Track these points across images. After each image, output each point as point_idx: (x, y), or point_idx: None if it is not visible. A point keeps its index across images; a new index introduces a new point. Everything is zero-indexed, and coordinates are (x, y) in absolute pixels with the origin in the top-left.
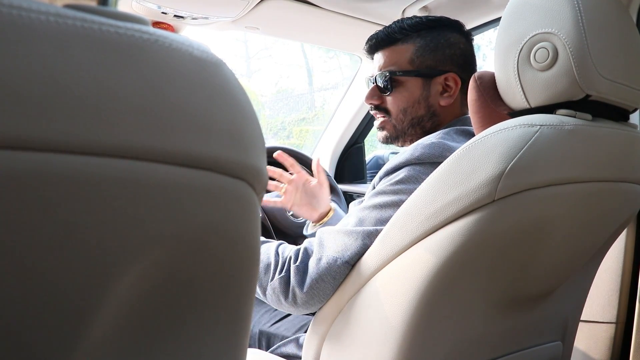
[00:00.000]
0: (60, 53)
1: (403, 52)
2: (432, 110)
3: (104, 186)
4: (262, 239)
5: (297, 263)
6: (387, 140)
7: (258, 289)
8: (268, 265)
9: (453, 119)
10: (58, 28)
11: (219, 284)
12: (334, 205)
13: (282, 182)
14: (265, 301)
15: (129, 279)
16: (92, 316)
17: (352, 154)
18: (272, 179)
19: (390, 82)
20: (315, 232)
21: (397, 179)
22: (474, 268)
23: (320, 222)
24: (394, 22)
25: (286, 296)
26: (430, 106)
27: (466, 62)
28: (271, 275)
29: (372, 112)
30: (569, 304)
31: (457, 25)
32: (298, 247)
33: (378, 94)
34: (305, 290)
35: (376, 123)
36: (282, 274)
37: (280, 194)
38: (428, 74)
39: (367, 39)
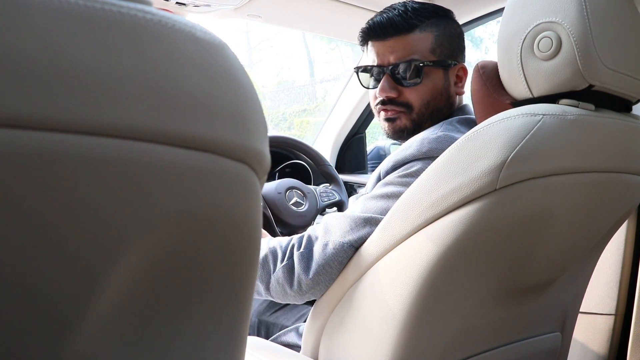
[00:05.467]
0: (63, 32)
1: (423, 40)
2: (450, 101)
3: (105, 167)
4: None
5: (302, 249)
6: (402, 135)
7: (260, 286)
8: (265, 259)
9: (453, 108)
10: (60, 7)
11: (219, 268)
12: (264, 233)
13: None
14: (269, 297)
15: (129, 262)
16: (90, 300)
17: (353, 145)
18: None
19: (415, 73)
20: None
21: (406, 171)
22: (474, 257)
23: None
24: (398, 5)
25: (291, 284)
26: (449, 97)
27: (464, 53)
28: (272, 267)
29: (379, 107)
30: (569, 295)
31: (453, 16)
32: (300, 234)
33: (395, 86)
34: (311, 276)
35: (386, 115)
36: (285, 262)
37: None
38: (448, 65)
39: (374, 24)
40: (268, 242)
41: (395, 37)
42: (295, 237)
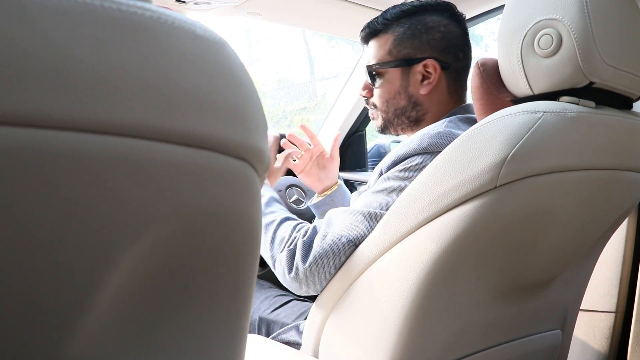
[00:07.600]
0: (62, 29)
1: (383, 43)
2: (413, 100)
3: (105, 165)
4: (288, 214)
5: (305, 238)
6: (382, 130)
7: (269, 260)
8: (283, 239)
9: (441, 106)
10: (60, 4)
11: (219, 265)
12: (340, 181)
13: (300, 149)
14: (274, 272)
15: (129, 260)
16: (91, 298)
17: (353, 142)
18: (293, 144)
19: (372, 76)
20: (318, 204)
21: (406, 166)
22: (474, 255)
23: (324, 194)
24: (382, 12)
25: (290, 270)
26: (411, 96)
27: (448, 45)
28: (282, 248)
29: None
30: (569, 293)
31: (440, 7)
32: (311, 224)
33: (369, 87)
34: (307, 265)
35: (369, 115)
36: (290, 247)
37: (296, 158)
38: (405, 64)
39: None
40: (291, 223)
41: (370, 41)
42: (304, 225)
